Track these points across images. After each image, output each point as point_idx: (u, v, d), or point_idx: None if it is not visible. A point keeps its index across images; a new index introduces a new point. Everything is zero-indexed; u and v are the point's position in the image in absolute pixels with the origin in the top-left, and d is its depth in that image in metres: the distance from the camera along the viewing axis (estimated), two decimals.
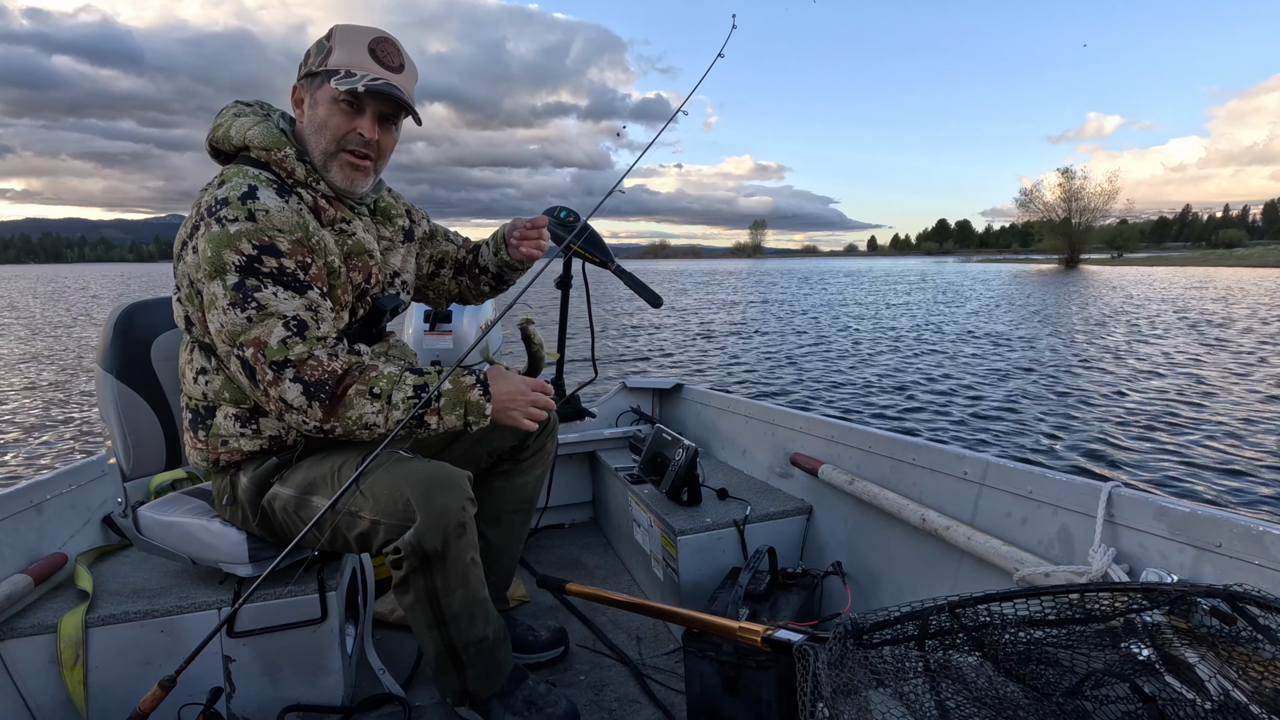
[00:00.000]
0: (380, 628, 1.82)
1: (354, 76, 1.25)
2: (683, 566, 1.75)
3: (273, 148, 1.27)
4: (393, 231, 1.49)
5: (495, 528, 1.64)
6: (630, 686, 1.58)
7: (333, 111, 1.28)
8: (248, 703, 1.42)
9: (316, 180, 1.31)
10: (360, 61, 1.27)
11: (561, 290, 2.32)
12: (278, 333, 1.18)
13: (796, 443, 2.00)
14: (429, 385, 1.23)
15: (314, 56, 1.30)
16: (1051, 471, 1.29)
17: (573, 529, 2.60)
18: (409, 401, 1.22)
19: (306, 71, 1.31)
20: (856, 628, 0.84)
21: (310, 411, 1.19)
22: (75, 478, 1.63)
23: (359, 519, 1.25)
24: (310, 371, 1.18)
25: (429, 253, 1.65)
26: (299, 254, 1.22)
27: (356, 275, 1.35)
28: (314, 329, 1.21)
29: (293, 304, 1.20)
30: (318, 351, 1.20)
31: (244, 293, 1.17)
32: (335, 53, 1.27)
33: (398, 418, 1.21)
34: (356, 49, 1.28)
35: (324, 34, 1.31)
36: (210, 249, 1.18)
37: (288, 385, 1.18)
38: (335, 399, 1.19)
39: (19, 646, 1.30)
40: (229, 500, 1.37)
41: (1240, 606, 0.75)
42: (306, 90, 1.32)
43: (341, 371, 1.21)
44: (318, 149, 1.31)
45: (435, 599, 1.25)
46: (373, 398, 1.20)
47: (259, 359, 1.18)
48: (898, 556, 1.60)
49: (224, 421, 1.32)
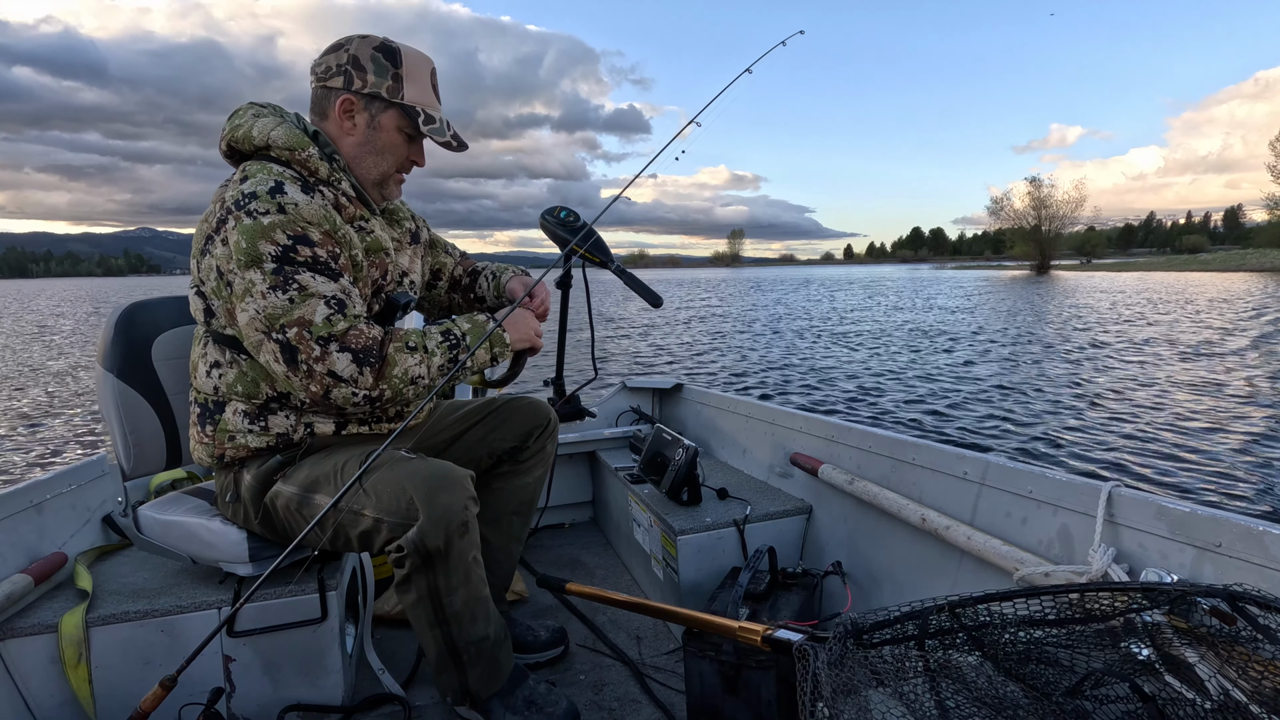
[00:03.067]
0: (380, 627, 1.82)
1: (434, 123, 1.37)
2: (683, 566, 1.75)
3: (296, 148, 1.30)
4: (401, 233, 1.53)
5: (495, 528, 1.64)
6: (630, 686, 1.58)
7: (398, 141, 1.37)
8: (248, 702, 1.42)
9: (339, 179, 1.34)
10: (430, 100, 1.38)
11: (562, 290, 2.32)
12: (321, 310, 1.21)
13: (796, 442, 2.00)
14: (451, 330, 1.34)
15: (374, 76, 1.32)
16: (1051, 471, 1.29)
17: (573, 529, 2.60)
18: (442, 346, 1.30)
19: (371, 91, 1.32)
20: (856, 627, 0.84)
21: (361, 379, 1.22)
22: (75, 477, 1.62)
23: (362, 517, 1.25)
24: (355, 340, 1.22)
25: (430, 261, 1.68)
26: (329, 245, 1.25)
27: (375, 271, 1.38)
28: (352, 308, 1.25)
29: (330, 287, 1.23)
30: (359, 324, 1.24)
31: (284, 276, 1.19)
32: (408, 87, 1.34)
33: (438, 363, 1.29)
34: (425, 86, 1.37)
35: (374, 46, 1.32)
36: (245, 240, 1.19)
37: (335, 357, 1.20)
38: (382, 360, 1.24)
39: (19, 646, 1.30)
40: (231, 498, 1.37)
41: (1240, 606, 0.75)
42: (366, 109, 1.34)
43: (381, 336, 1.26)
44: (377, 169, 1.38)
45: (437, 597, 1.26)
46: (410, 350, 1.27)
47: (304, 337, 1.20)
48: (898, 556, 1.60)
49: (232, 417, 1.33)
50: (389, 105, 1.34)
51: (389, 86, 1.33)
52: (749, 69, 1.77)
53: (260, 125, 1.31)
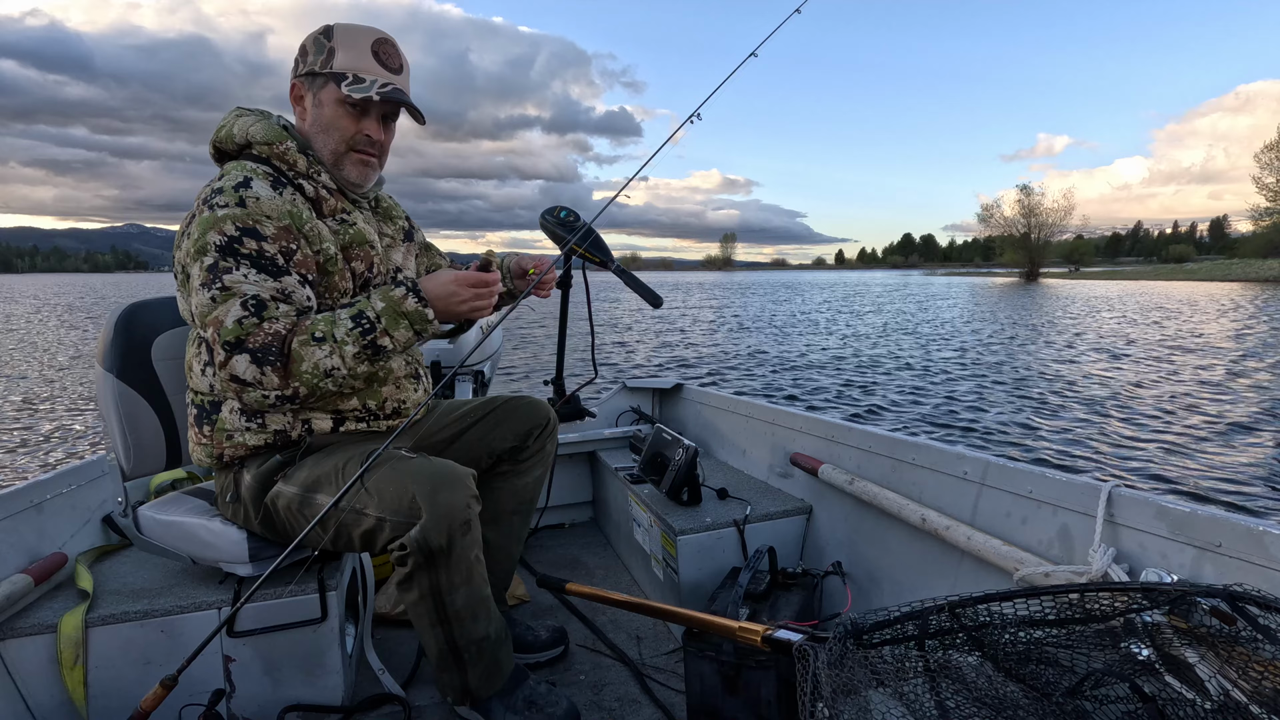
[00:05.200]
0: (380, 627, 1.82)
1: (363, 83, 1.29)
2: (683, 566, 1.75)
3: (274, 141, 1.31)
4: (394, 230, 1.54)
5: (495, 528, 1.64)
6: (630, 686, 1.58)
7: (339, 114, 1.33)
8: (248, 703, 1.42)
9: (318, 172, 1.34)
10: (365, 65, 1.31)
11: (562, 290, 2.32)
12: (235, 313, 1.18)
13: (796, 442, 2.00)
14: (364, 311, 1.24)
15: (312, 55, 1.32)
16: (1051, 471, 1.29)
17: (573, 529, 2.60)
18: (354, 333, 1.22)
19: (307, 70, 1.33)
20: (856, 628, 0.84)
21: (266, 379, 1.18)
22: (75, 477, 1.62)
23: (364, 516, 1.25)
24: (255, 340, 1.17)
25: (425, 263, 1.69)
26: (283, 239, 1.24)
27: (359, 265, 1.38)
28: (273, 309, 1.20)
29: (261, 285, 1.20)
30: (270, 323, 1.19)
31: (215, 274, 1.19)
32: (339, 55, 1.30)
33: (352, 351, 1.21)
34: (360, 52, 1.31)
35: (319, 30, 1.33)
36: (198, 231, 1.21)
37: (235, 360, 1.17)
38: (285, 358, 1.18)
39: (19, 646, 1.30)
40: (232, 498, 1.37)
41: (1240, 606, 0.75)
42: (308, 89, 1.35)
43: (285, 331, 1.20)
44: (326, 148, 1.35)
45: (439, 596, 1.26)
46: (318, 342, 1.19)
47: (215, 339, 1.18)
48: (898, 556, 1.60)
49: (229, 416, 1.33)
50: (324, 80, 1.32)
51: (321, 60, 1.31)
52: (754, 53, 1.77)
53: (240, 124, 1.34)
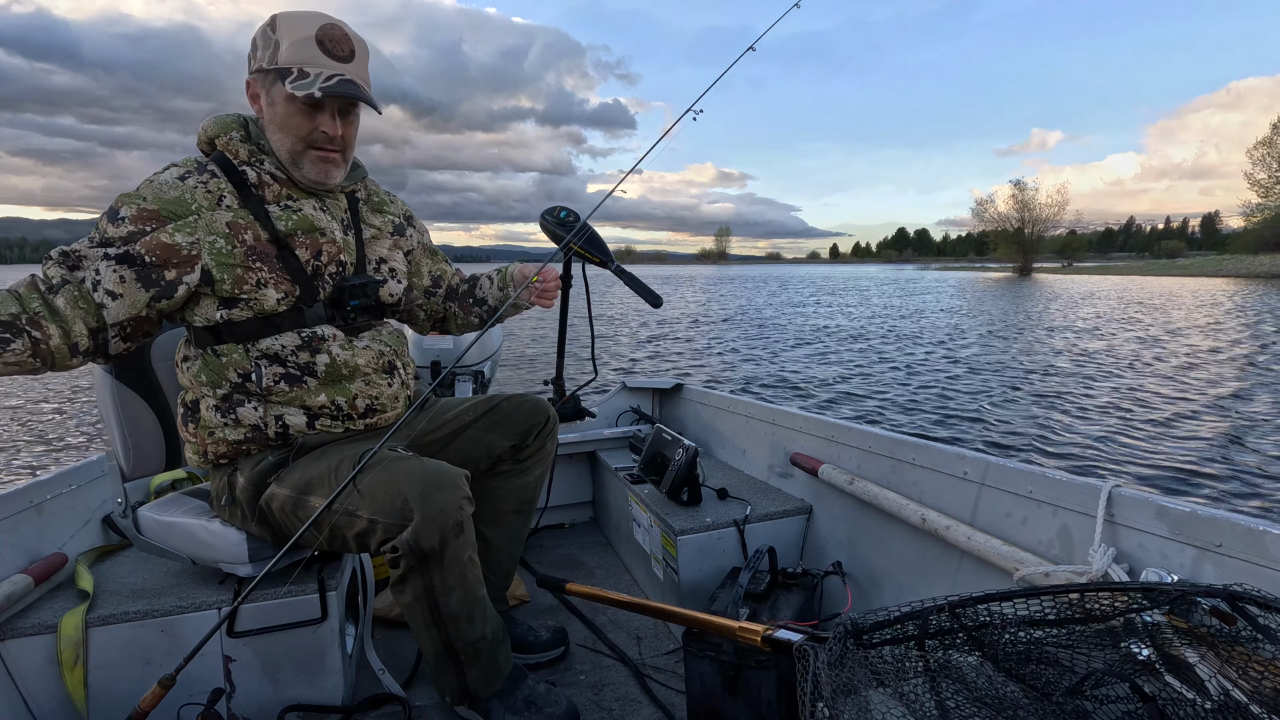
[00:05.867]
0: (380, 627, 1.82)
1: (307, 77, 1.24)
2: (683, 566, 1.75)
3: (218, 134, 1.33)
4: (382, 222, 1.53)
5: (495, 528, 1.64)
6: (630, 686, 1.57)
7: (291, 112, 1.29)
8: (248, 703, 1.42)
9: (260, 160, 1.33)
10: (310, 57, 1.25)
11: (561, 290, 2.31)
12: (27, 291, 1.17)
13: (796, 442, 2.00)
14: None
15: (261, 50, 1.28)
16: (1051, 471, 1.29)
17: (573, 529, 2.60)
18: None
19: (257, 67, 1.29)
20: (856, 628, 0.84)
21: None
22: (75, 478, 1.62)
23: (357, 518, 1.25)
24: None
25: (430, 267, 1.68)
26: (138, 222, 1.21)
27: (303, 252, 1.35)
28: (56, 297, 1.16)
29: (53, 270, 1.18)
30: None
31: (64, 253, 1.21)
32: (283, 48, 1.25)
33: None
34: (304, 44, 1.25)
35: (266, 21, 1.28)
36: None
37: None
38: None
39: (19, 646, 1.30)
40: (227, 500, 1.37)
41: (1240, 606, 0.75)
42: (261, 86, 1.31)
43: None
44: (284, 147, 1.32)
45: (433, 598, 1.25)
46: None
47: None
48: (898, 556, 1.60)
49: (208, 413, 1.33)
50: (273, 77, 1.27)
51: (269, 55, 1.26)
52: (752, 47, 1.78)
53: (204, 123, 1.36)
